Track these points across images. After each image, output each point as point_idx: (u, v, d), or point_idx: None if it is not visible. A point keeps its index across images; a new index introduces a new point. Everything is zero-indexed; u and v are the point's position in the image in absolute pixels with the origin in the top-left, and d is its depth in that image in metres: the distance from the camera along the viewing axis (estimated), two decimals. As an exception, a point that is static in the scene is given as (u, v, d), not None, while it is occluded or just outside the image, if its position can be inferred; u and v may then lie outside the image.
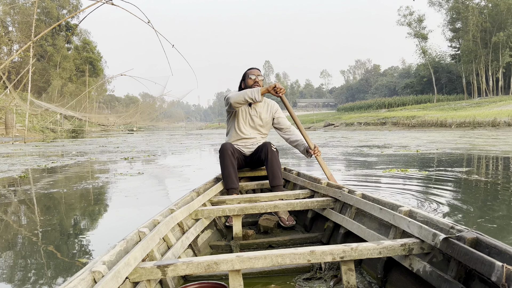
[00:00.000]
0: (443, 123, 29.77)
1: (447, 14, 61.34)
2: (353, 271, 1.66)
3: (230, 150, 3.07)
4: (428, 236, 1.55)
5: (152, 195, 4.63)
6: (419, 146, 11.94)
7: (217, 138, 24.79)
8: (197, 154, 11.59)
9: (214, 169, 7.04)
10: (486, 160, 7.72)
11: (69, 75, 54.77)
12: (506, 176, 5.41)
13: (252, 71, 3.27)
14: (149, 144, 17.58)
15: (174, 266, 1.49)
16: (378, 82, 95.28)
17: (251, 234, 2.60)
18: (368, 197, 2.22)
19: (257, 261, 1.54)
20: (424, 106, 52.65)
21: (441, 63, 69.24)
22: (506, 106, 37.51)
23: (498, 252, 1.29)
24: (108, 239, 2.87)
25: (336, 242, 2.35)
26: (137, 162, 8.93)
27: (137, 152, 12.09)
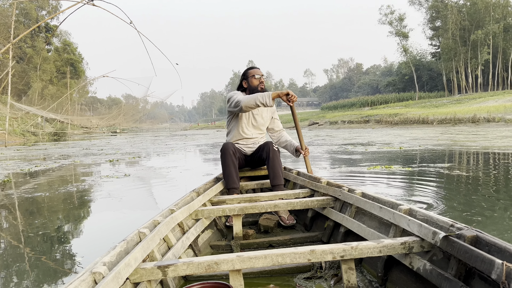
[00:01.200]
0: (425, 120, 30.27)
1: (427, 12, 62.40)
2: (353, 270, 1.67)
3: (232, 149, 3.07)
4: (428, 235, 1.56)
5: (140, 197, 4.62)
6: (402, 143, 12.15)
7: (202, 138, 24.72)
8: (182, 155, 11.56)
9: (200, 170, 7.05)
10: (467, 156, 7.91)
11: (50, 77, 53.86)
12: (486, 171, 5.57)
13: (256, 70, 3.25)
14: (134, 146, 17.44)
15: (175, 266, 1.49)
16: (361, 80, 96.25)
17: (251, 233, 2.60)
18: (368, 196, 2.22)
19: (258, 261, 1.55)
20: (406, 104, 53.43)
21: (422, 61, 70.35)
22: (485, 102, 38.37)
23: (498, 250, 1.29)
24: (103, 240, 2.88)
25: (337, 241, 2.35)
26: (123, 164, 8.87)
27: (121, 154, 11.99)
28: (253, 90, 3.20)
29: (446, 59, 59.00)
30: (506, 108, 29.92)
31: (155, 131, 73.18)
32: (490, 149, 8.90)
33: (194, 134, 37.46)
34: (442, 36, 60.28)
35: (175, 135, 36.11)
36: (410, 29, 64.26)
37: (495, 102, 37.26)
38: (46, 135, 38.75)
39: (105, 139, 30.85)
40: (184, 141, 21.18)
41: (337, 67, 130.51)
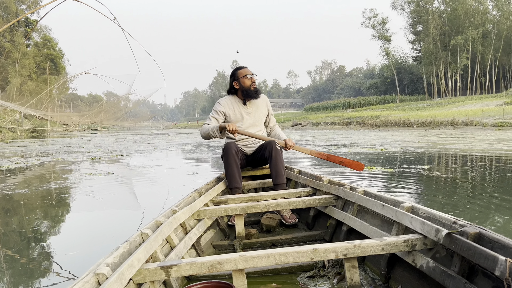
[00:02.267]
0: (405, 123, 30.81)
1: (409, 17, 63.49)
2: (356, 268, 1.67)
3: (234, 149, 3.06)
4: (430, 232, 1.55)
5: (125, 196, 4.61)
6: (384, 145, 12.35)
7: (185, 137, 24.59)
8: (166, 154, 11.50)
9: (185, 169, 7.04)
10: (446, 158, 8.11)
11: (29, 72, 52.69)
12: (464, 172, 5.73)
13: (246, 70, 3.23)
14: (116, 144, 17.24)
15: (178, 266, 1.49)
16: (344, 82, 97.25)
17: (253, 233, 2.60)
18: (370, 194, 2.22)
19: (261, 260, 1.55)
20: (387, 106, 54.27)
21: (403, 65, 71.55)
22: (464, 106, 39.27)
23: (501, 246, 1.29)
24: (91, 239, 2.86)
25: (339, 240, 2.35)
26: (105, 162, 8.78)
27: (103, 152, 11.85)
28: (246, 90, 3.19)
29: (427, 63, 60.17)
30: (484, 112, 30.71)
31: (137, 129, 72.42)
32: (468, 152, 9.14)
33: (176, 133, 37.21)
34: (423, 40, 61.44)
35: (157, 134, 35.82)
36: (393, 33, 65.28)
37: (473, 106, 38.18)
38: (25, 132, 37.93)
39: (85, 136, 30.38)
40: (167, 140, 21.03)
41: (321, 69, 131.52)
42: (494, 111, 31.01)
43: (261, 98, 3.38)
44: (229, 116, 3.27)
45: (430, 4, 59.60)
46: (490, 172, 5.79)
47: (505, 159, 7.52)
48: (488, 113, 30.19)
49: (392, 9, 64.07)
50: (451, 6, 57.37)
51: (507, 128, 22.61)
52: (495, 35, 55.21)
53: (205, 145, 15.01)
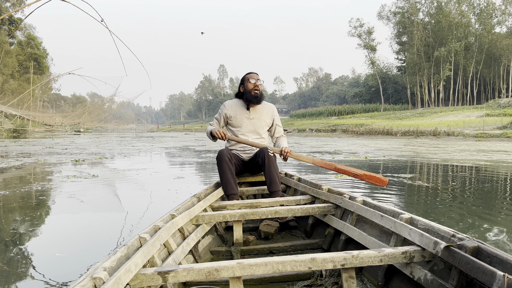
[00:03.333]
0: (389, 132, 31.25)
1: (394, 28, 64.62)
2: (354, 278, 1.65)
3: (227, 156, 3.04)
4: (429, 244, 1.54)
5: (109, 198, 4.58)
6: (368, 153, 12.52)
7: (170, 141, 24.46)
8: (151, 157, 11.43)
9: (170, 173, 7.02)
10: (428, 167, 8.28)
11: (12, 71, 51.77)
12: (445, 182, 5.86)
13: (252, 75, 3.25)
14: (99, 146, 17.05)
15: (175, 272, 1.48)
16: (329, 90, 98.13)
17: (251, 240, 2.59)
18: (369, 204, 2.22)
19: (258, 268, 1.54)
20: (371, 115, 54.98)
21: (388, 74, 72.65)
22: (446, 117, 40.06)
23: (499, 261, 1.28)
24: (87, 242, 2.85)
25: (337, 249, 2.35)
26: (89, 164, 8.69)
27: (87, 155, 11.72)
28: (247, 94, 3.21)
29: (411, 73, 61.24)
30: (465, 123, 31.38)
31: (121, 131, 71.65)
32: (449, 162, 9.34)
33: (161, 136, 36.96)
34: (408, 51, 62.54)
35: (141, 137, 35.52)
36: (378, 42, 66.25)
37: (455, 117, 38.98)
38: (5, 131, 37.16)
39: (68, 138, 29.95)
40: (152, 143, 20.89)
41: (307, 76, 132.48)
42: (475, 122, 31.72)
43: (267, 106, 3.39)
44: (230, 118, 3.29)
45: (415, 15, 60.78)
46: (470, 181, 5.94)
47: (484, 169, 7.71)
48: (469, 124, 30.86)
49: (378, 19, 65.13)
50: (435, 18, 58.62)
51: (487, 139, 23.15)
52: (477, 48, 56.57)
53: (190, 149, 14.97)
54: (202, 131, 63.44)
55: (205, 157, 11.11)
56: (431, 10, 60.10)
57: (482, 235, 2.97)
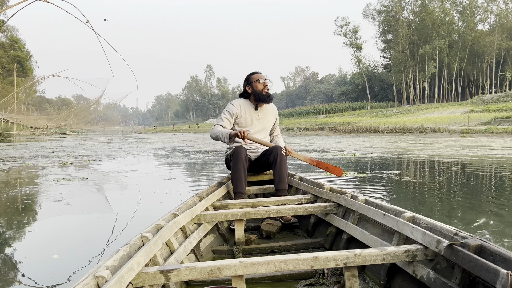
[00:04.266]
0: (376, 129, 31.56)
1: (379, 26, 65.30)
2: (356, 277, 1.65)
3: (244, 154, 3.03)
4: (432, 243, 1.54)
5: (101, 201, 4.56)
6: (356, 150, 12.64)
7: (158, 142, 24.33)
8: (139, 158, 11.37)
9: (161, 174, 7.00)
10: (414, 163, 8.40)
11: (-6, 74, 50.92)
12: (433, 177, 5.97)
13: (259, 75, 3.25)
14: (87, 149, 16.89)
15: (177, 271, 1.49)
16: (316, 89, 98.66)
17: (253, 239, 2.58)
18: (371, 203, 2.22)
19: (260, 267, 1.54)
20: (358, 113, 55.46)
21: (374, 72, 73.35)
22: (432, 113, 40.60)
23: (503, 259, 1.28)
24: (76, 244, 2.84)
25: (339, 248, 2.35)
26: (78, 167, 8.61)
27: (75, 157, 11.61)
28: (258, 94, 3.22)
29: (397, 71, 61.94)
30: (450, 119, 31.85)
31: (107, 133, 70.95)
32: (436, 158, 9.49)
33: (149, 138, 36.73)
34: (393, 49, 63.26)
35: (128, 139, 35.25)
36: (364, 41, 66.92)
37: (440, 113, 39.55)
38: (-11, 135, 36.51)
39: (54, 141, 29.58)
40: (140, 145, 20.76)
41: (294, 75, 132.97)
42: (460, 118, 32.23)
43: (271, 106, 3.43)
44: (239, 118, 3.26)
45: (400, 14, 61.48)
46: (456, 176, 6.05)
47: (470, 164, 7.86)
48: (454, 120, 31.35)
49: (364, 17, 65.71)
50: (419, 16, 59.38)
51: (472, 134, 23.54)
52: (461, 45, 57.47)
53: (179, 150, 14.93)
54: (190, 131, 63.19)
55: (194, 157, 11.10)
56: (415, 8, 60.88)
57: (469, 228, 3.05)
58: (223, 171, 7.37)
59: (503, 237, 2.78)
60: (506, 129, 23.37)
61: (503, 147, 13.27)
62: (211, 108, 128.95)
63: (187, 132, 61.37)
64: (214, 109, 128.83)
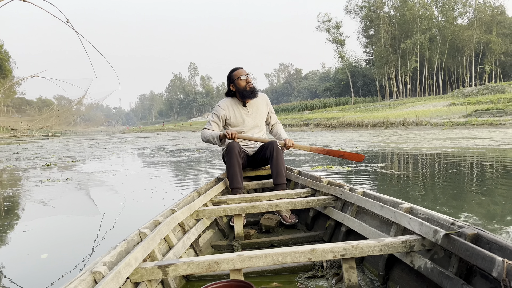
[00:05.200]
0: (360, 124, 31.86)
1: (361, 21, 65.85)
2: (354, 268, 1.66)
3: (237, 149, 3.00)
4: (429, 233, 1.55)
5: (90, 201, 4.52)
6: (340, 145, 12.76)
7: (143, 142, 24.13)
8: (124, 158, 11.27)
9: (147, 173, 6.97)
10: (398, 156, 8.54)
11: (-28, 76, 49.67)
12: (416, 169, 6.08)
13: (240, 71, 3.18)
14: (70, 150, 16.66)
15: (175, 266, 1.49)
16: (301, 85, 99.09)
17: (252, 233, 2.57)
18: (369, 195, 2.22)
19: (258, 260, 1.54)
20: (342, 108, 55.91)
21: (357, 68, 74.00)
22: (414, 107, 41.19)
23: (499, 247, 1.30)
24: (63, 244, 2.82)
25: (338, 240, 2.33)
26: (62, 168, 8.50)
27: (59, 158, 11.45)
28: (242, 91, 3.15)
29: (379, 66, 62.60)
30: (432, 113, 32.37)
31: (90, 134, 69.99)
32: (419, 150, 9.66)
33: (133, 138, 36.38)
34: (375, 44, 63.88)
35: (112, 139, 34.86)
36: (346, 36, 67.39)
37: (422, 107, 40.16)
38: (-32, 138, 35.69)
39: (36, 142, 29.06)
40: (124, 145, 20.56)
41: (278, 72, 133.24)
42: (441, 112, 32.78)
43: (260, 97, 3.34)
44: (229, 119, 3.21)
45: (381, 9, 62.09)
46: (439, 167, 6.18)
47: (452, 155, 8.03)
48: (436, 114, 31.88)
49: (346, 13, 66.26)
50: (400, 12, 60.08)
51: (453, 127, 23.97)
52: (441, 39, 58.39)
53: (165, 149, 14.85)
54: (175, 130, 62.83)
55: (180, 156, 11.06)
56: (396, 4, 61.55)
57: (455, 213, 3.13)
58: (210, 168, 7.38)
59: (485, 219, 2.86)
60: (486, 121, 23.87)
61: (483, 138, 13.56)
62: (196, 106, 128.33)
63: (172, 131, 61.00)
64: (199, 107, 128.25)
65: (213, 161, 8.88)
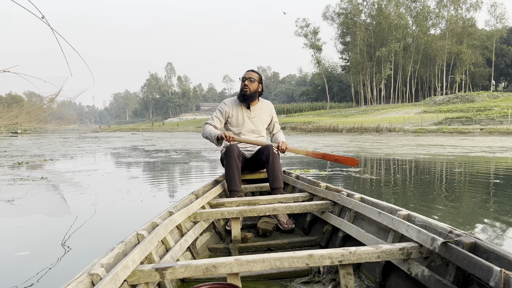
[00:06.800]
0: (335, 129, 32.36)
1: (338, 28, 66.90)
2: (351, 275, 1.65)
3: (236, 152, 3.00)
4: (426, 241, 1.54)
5: (66, 201, 4.46)
6: (316, 149, 12.96)
7: (117, 141, 23.77)
8: (99, 158, 11.10)
9: (123, 173, 6.91)
10: (372, 161, 8.76)
11: None
12: (389, 174, 6.27)
13: (246, 73, 3.23)
14: (42, 148, 16.27)
15: (173, 269, 1.48)
16: (278, 89, 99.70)
17: (250, 237, 2.55)
18: (367, 201, 2.21)
19: (256, 265, 1.54)
20: (318, 113, 56.63)
21: (333, 73, 75.07)
22: (387, 113, 42.14)
23: (496, 257, 1.29)
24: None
25: (335, 246, 2.34)
26: (35, 167, 8.31)
27: (30, 157, 11.17)
28: (240, 92, 3.23)
29: (355, 73, 63.73)
30: (405, 120, 33.23)
31: (62, 132, 68.23)
32: (392, 156, 9.93)
33: (107, 137, 35.74)
34: (351, 51, 65.03)
35: (85, 138, 34.15)
36: (323, 42, 68.37)
37: (395, 113, 41.15)
38: None
39: (5, 140, 28.19)
40: (98, 144, 20.21)
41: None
42: (413, 119, 33.70)
43: (266, 104, 3.38)
44: (231, 118, 3.24)
45: (358, 17, 63.28)
46: (410, 173, 6.39)
47: (423, 161, 8.30)
48: (408, 121, 32.74)
49: (323, 19, 67.06)
50: (376, 20, 61.42)
51: (425, 134, 24.67)
52: (414, 48, 60.01)
53: (140, 149, 14.70)
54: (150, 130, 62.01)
55: (156, 156, 10.98)
56: (373, 12, 62.90)
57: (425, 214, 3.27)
58: (187, 170, 7.38)
59: (453, 219, 3.00)
60: (456, 129, 24.70)
61: (453, 146, 14.05)
62: (172, 107, 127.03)
63: (147, 131, 60.22)
64: (175, 108, 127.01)
65: (190, 162, 8.88)
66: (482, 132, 23.31)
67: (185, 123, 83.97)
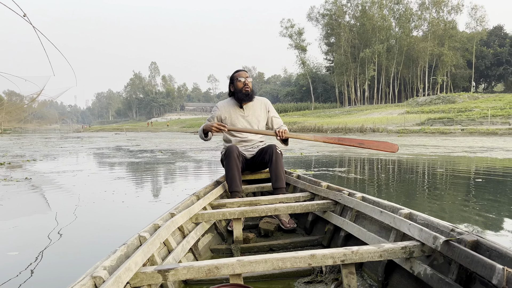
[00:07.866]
0: (320, 129, 32.61)
1: (323, 29, 67.38)
2: (354, 274, 1.65)
3: (236, 153, 3.01)
4: (428, 239, 1.54)
5: (49, 203, 4.42)
6: (302, 149, 13.06)
7: (101, 141, 23.49)
8: (84, 158, 10.97)
9: (109, 174, 6.86)
10: (355, 161, 8.88)
11: None
12: (372, 174, 6.38)
13: (240, 73, 3.23)
14: (24, 148, 15.97)
15: (175, 270, 1.48)
16: (263, 89, 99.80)
17: (251, 237, 2.57)
18: (369, 200, 2.21)
19: (258, 265, 1.54)
20: (303, 113, 56.96)
21: (318, 74, 75.57)
22: (371, 114, 42.66)
23: (499, 255, 1.29)
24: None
25: (337, 245, 2.34)
26: (17, 167, 8.17)
27: (12, 157, 10.97)
28: (238, 93, 3.19)
29: (339, 73, 64.31)
30: (388, 120, 33.69)
31: (43, 132, 67.06)
32: (375, 156, 10.08)
33: (90, 137, 35.27)
34: (336, 51, 65.59)
35: (68, 138, 33.64)
36: (308, 43, 68.71)
37: (379, 114, 41.67)
38: None
39: (-15, 140, 27.54)
40: (81, 144, 19.95)
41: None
42: (397, 119, 34.18)
43: (259, 101, 3.36)
44: (225, 119, 3.24)
45: (342, 18, 63.87)
46: (393, 172, 6.52)
47: (406, 161, 8.46)
48: (392, 121, 33.19)
49: (308, 20, 67.48)
50: (360, 21, 62.10)
51: (408, 134, 25.06)
52: (398, 50, 60.87)
53: (125, 150, 14.57)
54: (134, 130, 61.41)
55: (141, 156, 10.91)
56: (356, 13, 63.57)
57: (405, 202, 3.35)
58: (173, 170, 7.36)
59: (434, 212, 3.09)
60: (438, 129, 25.15)
61: (435, 146, 14.32)
62: (156, 106, 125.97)
63: (131, 131, 59.64)
64: (159, 107, 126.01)
65: (176, 162, 8.85)
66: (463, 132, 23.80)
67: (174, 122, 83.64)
